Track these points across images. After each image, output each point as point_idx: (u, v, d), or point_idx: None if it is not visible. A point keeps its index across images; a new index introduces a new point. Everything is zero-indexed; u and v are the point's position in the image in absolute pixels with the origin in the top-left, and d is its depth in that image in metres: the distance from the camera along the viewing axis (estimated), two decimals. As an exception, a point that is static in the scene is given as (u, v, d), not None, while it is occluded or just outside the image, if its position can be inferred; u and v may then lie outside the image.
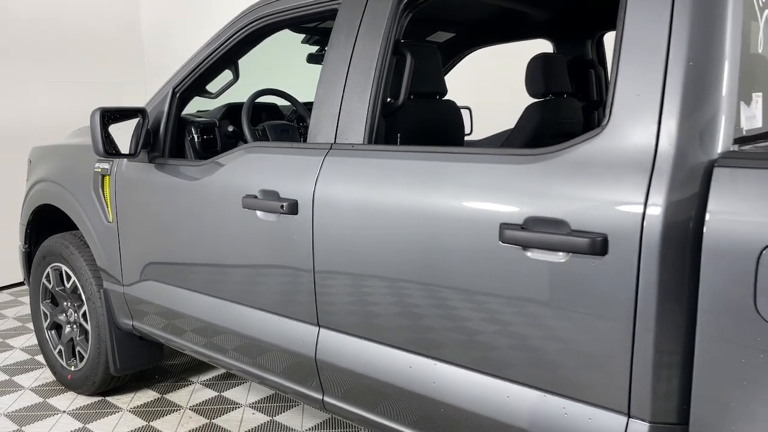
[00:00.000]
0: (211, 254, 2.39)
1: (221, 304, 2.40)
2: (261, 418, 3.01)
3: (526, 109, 2.59)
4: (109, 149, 2.46)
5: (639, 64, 1.44)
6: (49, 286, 3.30)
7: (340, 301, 1.98)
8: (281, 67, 3.32)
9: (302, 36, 3.21)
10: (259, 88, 2.92)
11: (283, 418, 3.00)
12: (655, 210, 1.34)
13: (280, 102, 3.27)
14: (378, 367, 1.91)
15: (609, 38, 3.19)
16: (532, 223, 1.53)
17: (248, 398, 3.22)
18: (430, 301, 1.76)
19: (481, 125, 3.52)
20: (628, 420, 1.44)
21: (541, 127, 2.53)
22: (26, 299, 4.88)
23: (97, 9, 5.58)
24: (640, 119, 1.42)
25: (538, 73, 2.58)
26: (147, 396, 3.26)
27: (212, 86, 2.75)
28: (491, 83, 3.99)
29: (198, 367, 3.61)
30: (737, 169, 1.29)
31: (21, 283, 5.22)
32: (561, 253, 1.48)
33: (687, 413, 1.37)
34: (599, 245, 1.41)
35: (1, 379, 3.49)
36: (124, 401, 3.20)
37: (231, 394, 3.27)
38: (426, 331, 1.79)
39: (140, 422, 2.99)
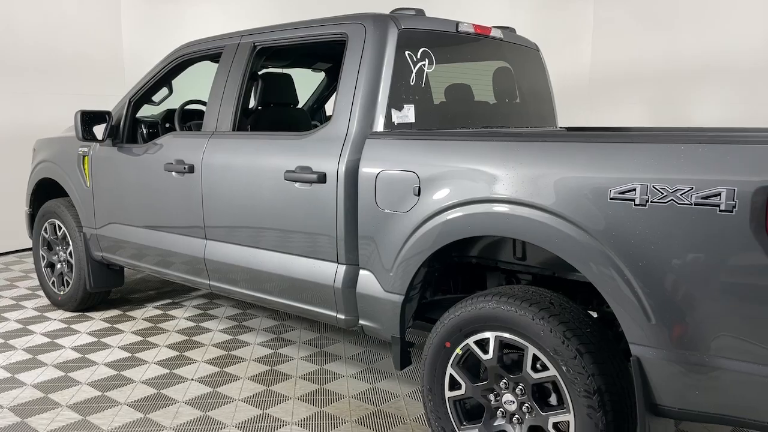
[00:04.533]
0: (147, 202, 3.82)
1: (152, 233, 3.83)
2: (192, 324, 4.43)
3: None
4: (86, 136, 3.90)
5: (345, 91, 2.89)
6: (46, 236, 4.72)
7: (216, 222, 3.42)
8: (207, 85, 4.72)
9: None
10: (187, 99, 4.36)
11: (207, 324, 4.43)
12: (343, 159, 2.79)
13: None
14: (234, 257, 3.35)
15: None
16: (299, 169, 2.97)
17: (185, 314, 4.65)
18: (255, 217, 3.20)
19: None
20: (337, 265, 2.89)
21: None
22: (28, 258, 6.32)
23: (87, 34, 7.08)
24: (343, 117, 2.87)
25: None
26: (113, 313, 4.68)
27: (156, 97, 4.21)
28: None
29: (153, 298, 5.04)
30: (372, 139, 2.75)
31: (23, 250, 6.64)
32: (309, 184, 2.92)
33: (358, 258, 2.83)
34: (322, 178, 2.85)
35: (10, 303, 4.91)
36: (97, 315, 4.62)
37: (173, 312, 4.69)
38: (254, 232, 3.23)
39: (106, 325, 4.41)
